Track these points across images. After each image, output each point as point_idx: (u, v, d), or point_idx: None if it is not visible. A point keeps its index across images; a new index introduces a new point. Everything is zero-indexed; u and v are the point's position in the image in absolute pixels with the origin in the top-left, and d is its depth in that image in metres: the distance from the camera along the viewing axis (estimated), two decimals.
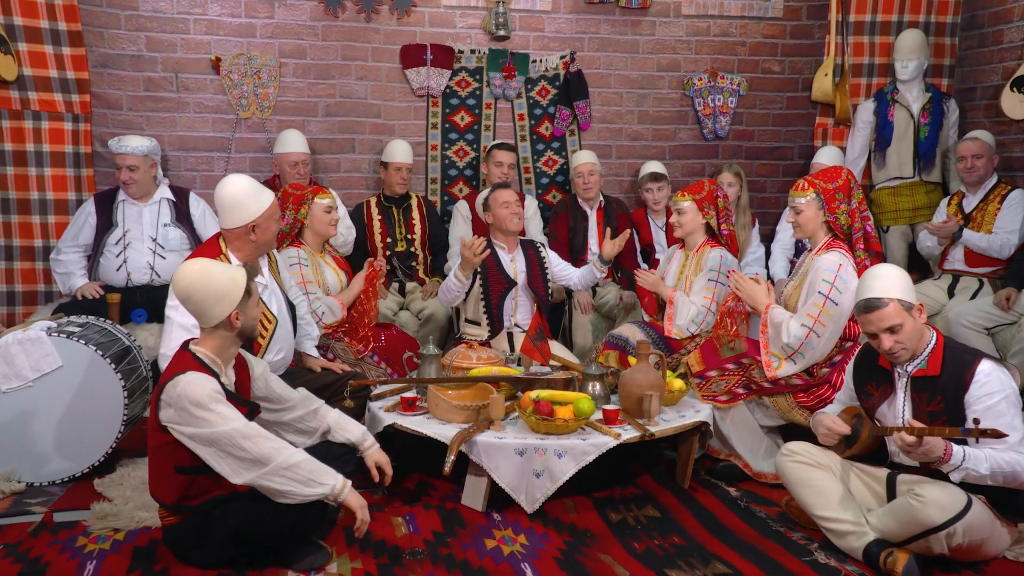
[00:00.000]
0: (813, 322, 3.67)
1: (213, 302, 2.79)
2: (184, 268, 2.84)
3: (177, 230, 4.84)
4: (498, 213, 4.67)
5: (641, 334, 4.35)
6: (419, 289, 5.38)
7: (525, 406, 3.44)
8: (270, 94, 5.53)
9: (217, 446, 2.67)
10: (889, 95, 5.72)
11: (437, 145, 5.92)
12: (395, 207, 5.50)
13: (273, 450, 2.68)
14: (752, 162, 6.25)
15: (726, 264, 4.35)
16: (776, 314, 3.80)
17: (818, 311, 3.66)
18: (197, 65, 5.45)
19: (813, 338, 3.68)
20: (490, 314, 4.64)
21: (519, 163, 5.99)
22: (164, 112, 5.44)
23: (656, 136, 6.14)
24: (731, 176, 5.59)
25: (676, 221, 4.49)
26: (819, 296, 3.66)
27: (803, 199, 3.83)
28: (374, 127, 5.76)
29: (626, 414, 3.59)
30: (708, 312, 4.32)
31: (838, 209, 3.77)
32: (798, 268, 3.97)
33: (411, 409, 3.61)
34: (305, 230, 4.42)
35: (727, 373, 3.90)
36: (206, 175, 5.52)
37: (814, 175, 3.88)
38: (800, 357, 3.74)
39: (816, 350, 3.71)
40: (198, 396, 2.66)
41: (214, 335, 2.83)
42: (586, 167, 5.56)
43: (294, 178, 5.14)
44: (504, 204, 4.65)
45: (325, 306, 4.28)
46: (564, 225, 5.59)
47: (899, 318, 2.97)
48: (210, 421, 2.66)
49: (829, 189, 3.79)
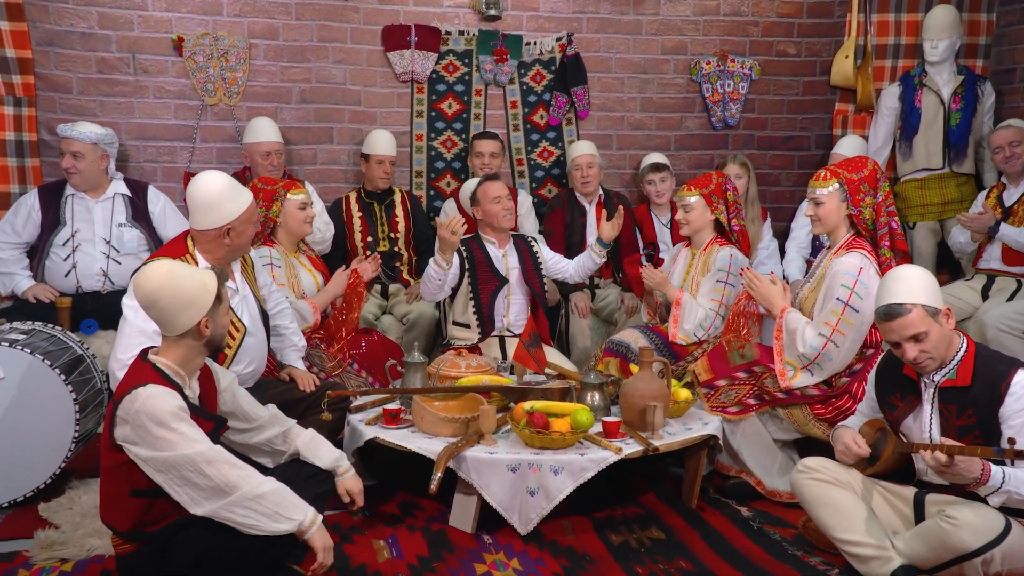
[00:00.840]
0: (831, 331, 3.66)
1: (181, 309, 2.75)
2: (149, 270, 2.79)
3: (134, 230, 4.73)
4: (489, 209, 4.68)
5: (644, 340, 4.36)
6: (403, 291, 5.38)
7: (518, 418, 3.44)
8: (239, 78, 5.52)
9: (176, 471, 2.62)
10: (917, 78, 5.69)
11: (422, 135, 5.93)
12: (377, 203, 5.50)
13: (239, 478, 2.64)
14: (765, 153, 6.27)
15: (736, 264, 4.36)
16: (792, 319, 3.80)
17: (836, 319, 3.65)
18: (157, 45, 5.41)
19: (831, 349, 3.68)
20: (480, 315, 4.65)
21: (511, 154, 6.00)
22: (120, 97, 5.38)
23: (660, 125, 6.15)
24: (737, 167, 5.59)
25: (682, 218, 4.49)
26: (837, 303, 3.65)
27: (825, 190, 3.82)
28: (353, 115, 5.76)
29: (628, 427, 3.59)
30: (717, 316, 4.33)
31: (863, 202, 3.76)
32: (815, 268, 3.97)
33: (394, 422, 3.61)
34: (278, 228, 4.40)
35: (737, 382, 3.90)
36: (168, 167, 5.49)
37: (838, 164, 3.88)
38: (817, 368, 3.74)
39: (835, 361, 3.71)
40: (159, 413, 2.61)
41: (179, 344, 2.79)
42: (584, 159, 5.57)
43: (266, 170, 5.13)
44: (495, 199, 4.66)
45: (294, 311, 4.25)
46: (560, 221, 5.60)
47: (924, 325, 2.94)
48: (171, 442, 2.61)
49: (854, 180, 3.78)
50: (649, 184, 5.71)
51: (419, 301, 5.23)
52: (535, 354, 4.07)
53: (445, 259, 4.36)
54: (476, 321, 4.67)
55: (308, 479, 2.94)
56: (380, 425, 3.62)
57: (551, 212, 5.64)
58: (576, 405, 3.54)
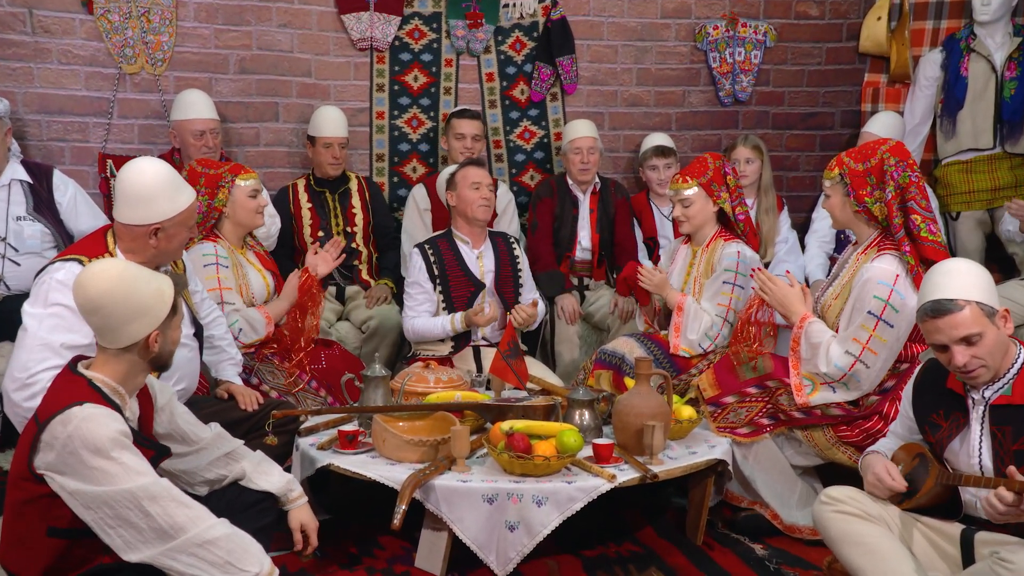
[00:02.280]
0: (861, 349, 3.65)
1: (129, 318, 2.69)
2: (97, 271, 2.73)
3: (36, 224, 4.58)
4: (465, 195, 4.70)
5: (641, 350, 4.36)
6: (362, 295, 5.37)
7: (496, 440, 3.44)
8: (164, 43, 5.47)
9: (111, 509, 2.55)
10: (963, 42, 5.62)
11: (384, 112, 5.92)
12: (329, 192, 5.49)
13: (187, 519, 2.58)
14: (781, 133, 6.29)
15: (746, 263, 4.36)
16: (815, 331, 3.77)
17: (868, 336, 3.63)
18: (60, 0, 5.29)
19: (860, 370, 3.67)
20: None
21: (487, 136, 6.00)
22: (15, 62, 5.24)
23: (660, 101, 6.17)
24: (748, 151, 5.58)
25: (682, 215, 4.49)
26: (869, 317, 3.63)
27: (828, 181, 3.84)
28: (302, 89, 5.75)
29: (622, 450, 3.60)
30: (724, 323, 4.34)
31: (868, 197, 3.73)
32: (840, 268, 3.96)
33: (351, 446, 3.61)
34: (223, 220, 4.37)
35: (748, 399, 3.91)
36: (78, 147, 5.40)
37: (848, 151, 3.86)
38: (842, 388, 3.74)
39: (864, 383, 3.71)
40: (97, 439, 2.53)
41: (120, 359, 2.74)
42: (586, 142, 5.57)
43: (200, 153, 5.09)
44: (474, 185, 4.68)
45: (244, 321, 4.25)
46: (548, 212, 5.60)
47: (977, 326, 2.90)
48: (109, 474, 2.53)
49: (858, 171, 3.75)
50: (652, 170, 5.72)
51: (381, 305, 5.23)
52: (515, 366, 4.07)
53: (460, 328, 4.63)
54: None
55: (248, 509, 2.91)
56: (334, 450, 3.61)
57: (538, 201, 5.64)
58: (562, 425, 3.54)
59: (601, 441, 3.57)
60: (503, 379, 4.10)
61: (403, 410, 3.73)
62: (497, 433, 3.47)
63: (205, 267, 4.19)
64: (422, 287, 4.73)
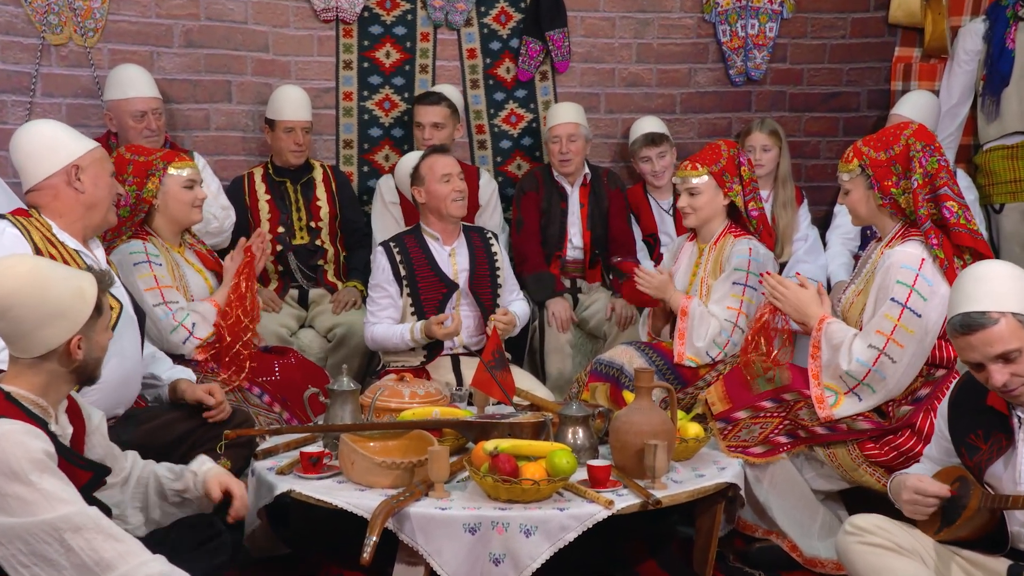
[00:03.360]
0: (885, 341, 3.68)
1: (43, 321, 2.65)
2: (3, 268, 2.68)
3: None
4: (436, 190, 4.68)
5: (641, 360, 4.37)
6: (328, 299, 5.36)
7: (479, 462, 3.43)
8: (95, 9, 5.38)
9: (25, 543, 2.49)
10: (1010, 10, 5.62)
11: (352, 93, 5.92)
12: (290, 182, 5.49)
13: (116, 555, 2.52)
14: (800, 116, 6.31)
15: (759, 261, 4.38)
16: (835, 331, 3.80)
17: (892, 326, 3.66)
18: None
19: (885, 364, 3.69)
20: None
21: (468, 119, 6.00)
22: None
23: (663, 80, 6.17)
24: (765, 137, 5.60)
25: (687, 205, 4.50)
26: (893, 305, 3.67)
27: (846, 174, 3.86)
28: (259, 65, 5.74)
29: (621, 473, 3.59)
30: (735, 329, 4.35)
31: (894, 188, 3.77)
32: (862, 265, 3.98)
33: (315, 469, 3.58)
34: (155, 214, 4.35)
35: (763, 415, 3.91)
36: None
37: (865, 140, 3.88)
38: (867, 390, 3.75)
39: (890, 380, 3.72)
40: (14, 460, 2.48)
41: (37, 369, 2.70)
42: (564, 129, 5.58)
43: (141, 137, 5.05)
44: (444, 177, 4.66)
45: (195, 314, 4.23)
46: (534, 207, 5.61)
47: (1016, 340, 2.90)
48: (25, 502, 2.48)
49: (880, 161, 3.79)
50: (644, 162, 5.73)
51: (349, 311, 5.21)
52: (500, 378, 4.05)
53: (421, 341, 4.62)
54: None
55: (198, 548, 2.89)
56: (296, 474, 3.59)
57: (522, 195, 5.65)
58: (554, 445, 3.54)
59: (597, 463, 3.55)
60: (487, 393, 4.10)
61: (374, 428, 3.71)
62: (480, 454, 3.45)
63: (136, 266, 4.15)
64: (385, 290, 4.72)
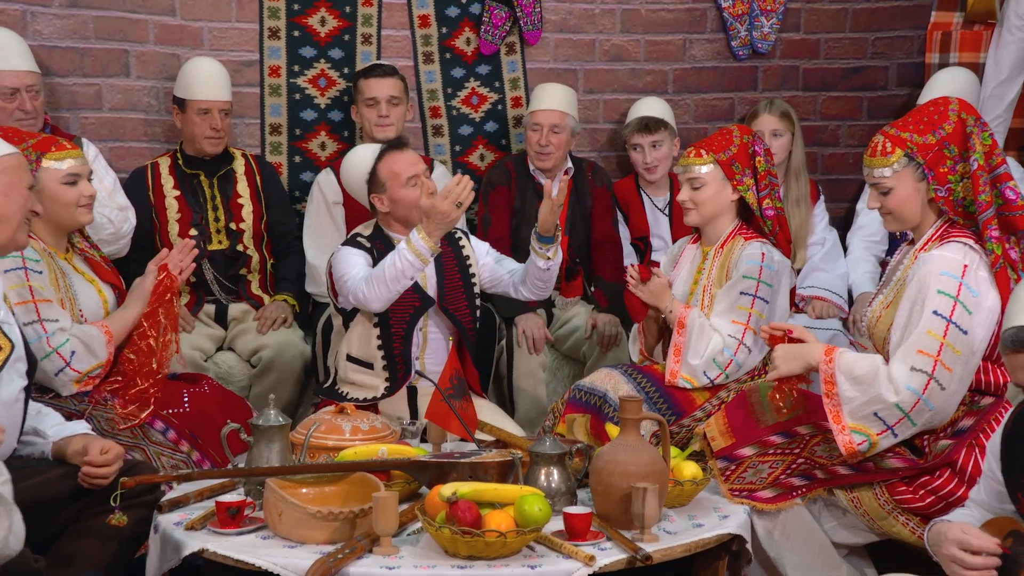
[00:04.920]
0: (933, 364, 3.64)
1: None
2: None
3: None
4: (403, 197, 4.64)
5: (627, 386, 4.38)
6: (252, 315, 5.36)
7: (434, 511, 3.42)
8: None
9: None
10: None
11: (280, 68, 5.92)
12: (205, 175, 5.47)
13: None
14: (816, 96, 6.34)
15: (771, 269, 4.39)
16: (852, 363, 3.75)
17: (938, 345, 3.63)
18: None
19: (934, 392, 3.65)
20: (390, 354, 4.65)
21: (420, 101, 6.00)
22: None
23: (653, 54, 6.20)
24: (774, 120, 5.65)
25: (689, 199, 4.50)
26: (935, 319, 3.64)
27: (886, 168, 3.81)
28: (163, 32, 5.71)
29: (604, 522, 3.57)
30: (739, 347, 4.35)
31: (950, 176, 3.75)
32: (891, 273, 3.97)
33: (234, 523, 3.54)
34: None
35: (773, 452, 3.90)
36: None
37: (900, 125, 3.84)
38: (906, 424, 3.71)
39: (937, 409, 3.69)
40: None
41: None
42: (548, 117, 5.60)
43: (12, 119, 5.03)
44: (411, 180, 4.63)
45: (77, 341, 4.16)
46: (504, 205, 5.64)
47: None
48: None
49: (931, 144, 3.75)
50: (636, 151, 5.75)
51: (280, 330, 5.21)
52: (459, 409, 4.06)
53: (433, 243, 4.32)
54: (384, 363, 4.67)
55: None
56: (210, 529, 3.54)
57: (491, 190, 5.69)
58: (524, 489, 3.51)
59: (575, 510, 3.53)
60: (443, 427, 4.10)
61: (307, 472, 3.68)
62: (436, 501, 3.44)
63: (6, 273, 4.06)
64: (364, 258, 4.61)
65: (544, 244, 4.59)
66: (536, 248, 4.61)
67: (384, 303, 4.47)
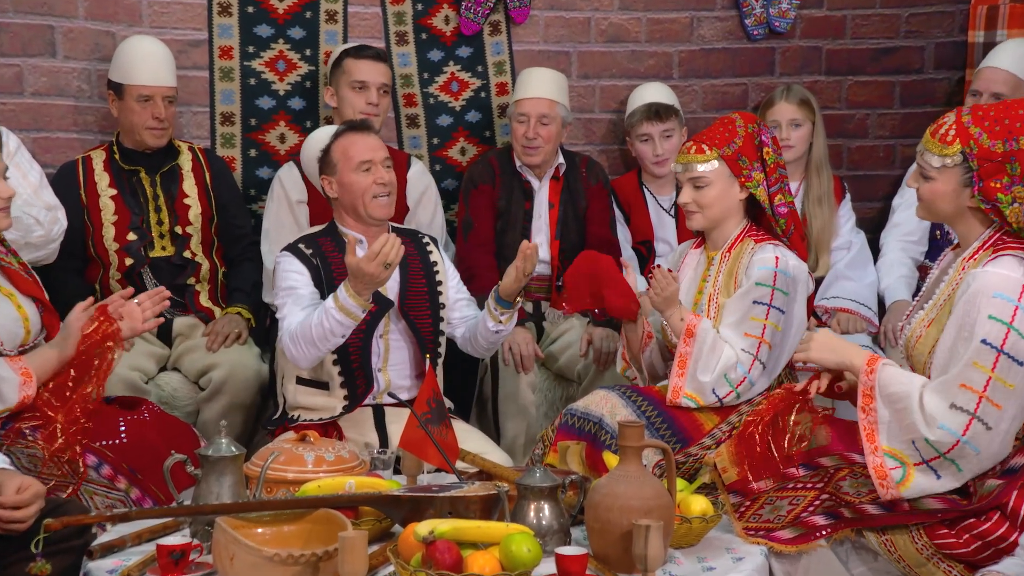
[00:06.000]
0: (977, 401, 3.62)
1: None
2: None
3: None
4: (353, 182, 4.67)
5: (626, 409, 4.39)
6: (201, 331, 5.37)
7: (409, 553, 3.42)
8: None
9: None
10: None
11: (232, 48, 5.94)
12: (146, 171, 5.47)
13: None
14: (841, 80, 6.38)
15: (787, 275, 4.39)
16: (892, 380, 3.75)
17: (985, 379, 3.61)
18: None
19: (978, 433, 3.63)
20: (347, 366, 4.67)
21: (393, 89, 6.01)
22: None
23: (655, 34, 6.24)
24: (793, 109, 5.68)
25: (692, 201, 4.50)
26: (984, 350, 3.62)
27: (935, 157, 3.77)
28: (96, 6, 5.71)
29: (601, 565, 3.58)
30: (754, 363, 4.35)
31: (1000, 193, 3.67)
32: (934, 285, 3.95)
33: (178, 569, 3.52)
34: None
35: (793, 486, 3.91)
36: None
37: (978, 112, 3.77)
38: (949, 467, 3.70)
39: (983, 455, 3.68)
40: None
41: None
42: (536, 106, 5.63)
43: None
44: (363, 165, 4.65)
45: None
46: (488, 206, 5.68)
47: None
48: None
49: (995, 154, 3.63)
50: (643, 141, 5.78)
51: (232, 347, 5.23)
52: (438, 436, 4.06)
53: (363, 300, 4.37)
54: (341, 379, 4.68)
55: None
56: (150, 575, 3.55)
57: (472, 189, 5.72)
58: (510, 527, 3.51)
59: (569, 551, 3.50)
60: (420, 456, 4.10)
61: (264, 509, 3.65)
62: (411, 541, 3.42)
63: None
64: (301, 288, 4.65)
65: (501, 307, 4.67)
66: (491, 308, 4.69)
67: (313, 362, 4.57)
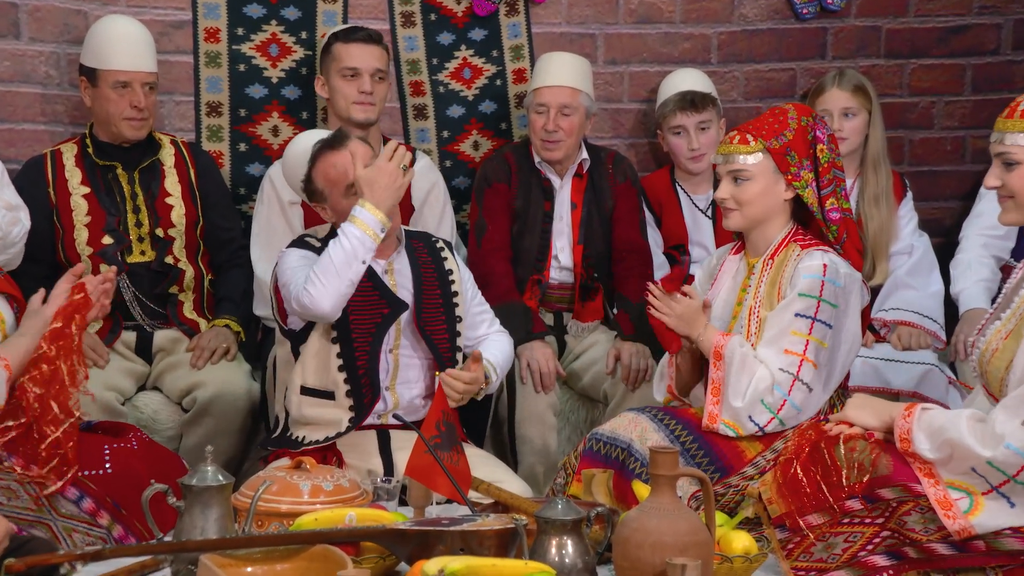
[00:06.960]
0: None
1: None
2: None
3: None
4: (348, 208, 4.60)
5: (658, 433, 4.40)
6: (185, 345, 5.39)
7: None
8: None
9: None
10: None
11: (219, 31, 5.96)
12: (123, 167, 5.49)
13: None
14: (903, 64, 6.39)
15: (837, 285, 4.38)
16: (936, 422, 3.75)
17: None
18: None
19: None
20: (353, 375, 4.66)
21: (399, 75, 6.06)
22: None
23: (691, 14, 6.26)
24: (846, 96, 5.69)
25: (730, 196, 4.50)
26: None
27: (1021, 135, 3.78)
28: None
29: None
30: (795, 384, 4.34)
31: None
32: (1012, 293, 3.95)
33: None
34: None
35: (849, 521, 3.88)
36: None
37: None
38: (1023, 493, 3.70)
39: None
40: None
41: None
42: (556, 95, 5.64)
43: None
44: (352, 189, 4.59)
45: None
46: (504, 207, 5.71)
47: None
48: None
49: None
50: (678, 135, 5.81)
51: (220, 363, 5.24)
52: (449, 463, 4.06)
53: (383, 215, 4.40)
54: (347, 386, 4.66)
55: None
56: None
57: (487, 188, 5.74)
58: (530, 565, 3.51)
59: None
60: (428, 486, 4.11)
61: (254, 545, 3.64)
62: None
63: None
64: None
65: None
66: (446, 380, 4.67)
67: (336, 300, 4.46)
